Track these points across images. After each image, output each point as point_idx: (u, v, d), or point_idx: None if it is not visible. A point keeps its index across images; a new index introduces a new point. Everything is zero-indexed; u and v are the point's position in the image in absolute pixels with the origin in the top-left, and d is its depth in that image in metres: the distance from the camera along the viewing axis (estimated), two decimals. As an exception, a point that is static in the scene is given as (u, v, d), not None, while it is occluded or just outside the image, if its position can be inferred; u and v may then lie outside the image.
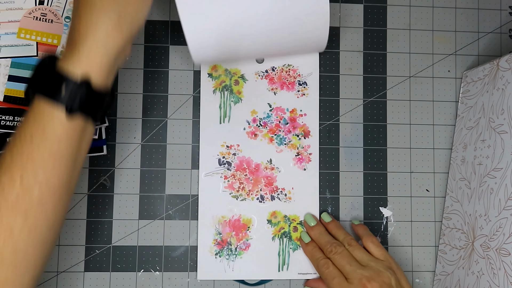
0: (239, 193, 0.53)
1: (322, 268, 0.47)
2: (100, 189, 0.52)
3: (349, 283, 0.45)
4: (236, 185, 0.53)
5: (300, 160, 0.53)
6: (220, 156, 0.53)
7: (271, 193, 0.53)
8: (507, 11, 0.57)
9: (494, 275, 0.44)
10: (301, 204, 0.53)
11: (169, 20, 0.54)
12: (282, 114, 0.54)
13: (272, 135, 0.53)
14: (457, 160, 0.53)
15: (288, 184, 0.53)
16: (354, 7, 0.56)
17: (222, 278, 0.51)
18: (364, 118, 0.55)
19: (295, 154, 0.53)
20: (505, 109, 0.46)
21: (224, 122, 0.53)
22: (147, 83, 0.53)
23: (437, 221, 0.54)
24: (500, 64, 0.48)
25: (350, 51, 0.55)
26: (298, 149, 0.53)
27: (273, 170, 0.53)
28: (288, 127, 0.54)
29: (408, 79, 0.56)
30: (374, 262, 0.46)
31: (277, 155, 0.53)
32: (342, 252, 0.47)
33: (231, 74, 0.54)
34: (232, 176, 0.53)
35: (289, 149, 0.53)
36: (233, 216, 0.52)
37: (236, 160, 0.53)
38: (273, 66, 0.54)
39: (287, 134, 0.54)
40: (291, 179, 0.53)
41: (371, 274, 0.44)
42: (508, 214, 0.43)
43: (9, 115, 0.47)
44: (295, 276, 0.52)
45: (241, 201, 0.53)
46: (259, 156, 0.53)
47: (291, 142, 0.54)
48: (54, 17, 0.49)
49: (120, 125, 0.53)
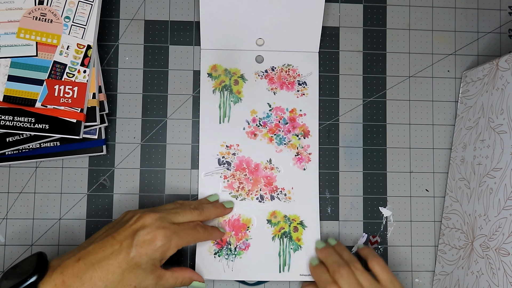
0: (239, 193, 0.53)
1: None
2: (99, 189, 0.52)
3: None
4: (236, 185, 0.53)
5: (299, 160, 0.53)
6: (219, 156, 0.53)
7: (270, 193, 0.53)
8: (507, 11, 0.57)
9: (494, 275, 0.44)
10: (301, 204, 0.53)
11: (169, 20, 0.54)
12: (282, 114, 0.54)
13: (271, 135, 0.54)
14: (457, 160, 0.53)
15: (287, 184, 0.53)
16: (354, 7, 0.56)
17: (221, 278, 0.51)
18: (364, 118, 0.55)
19: (295, 154, 0.53)
20: (505, 109, 0.46)
21: (223, 122, 0.53)
22: (147, 83, 0.53)
23: (437, 221, 0.54)
24: (499, 64, 0.48)
25: (350, 51, 0.55)
26: (298, 149, 0.54)
27: (272, 170, 0.53)
28: (287, 127, 0.54)
29: (408, 79, 0.56)
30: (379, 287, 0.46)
31: (277, 155, 0.53)
32: (348, 275, 0.46)
33: (231, 74, 0.54)
34: (231, 176, 0.53)
35: (289, 149, 0.53)
36: (232, 215, 0.52)
37: (235, 160, 0.53)
38: (272, 66, 0.54)
39: (286, 134, 0.54)
40: (290, 179, 0.53)
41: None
42: (507, 214, 0.43)
43: (9, 115, 0.47)
44: (297, 278, 0.52)
45: (240, 201, 0.53)
46: (258, 156, 0.53)
47: (290, 142, 0.54)
48: (53, 17, 0.49)
49: (120, 125, 0.53)
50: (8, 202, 0.51)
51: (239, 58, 0.54)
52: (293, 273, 0.52)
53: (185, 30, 0.54)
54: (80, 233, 0.52)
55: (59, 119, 0.47)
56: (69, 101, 0.48)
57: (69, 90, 0.48)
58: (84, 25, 0.49)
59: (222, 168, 0.53)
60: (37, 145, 0.50)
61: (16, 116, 0.47)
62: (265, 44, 0.53)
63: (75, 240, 0.51)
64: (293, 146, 0.53)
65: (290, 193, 0.53)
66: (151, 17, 0.54)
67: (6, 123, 0.47)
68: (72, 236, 0.51)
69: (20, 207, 0.51)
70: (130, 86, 0.53)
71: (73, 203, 0.52)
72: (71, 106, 0.48)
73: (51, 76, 0.48)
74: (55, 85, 0.48)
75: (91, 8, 0.49)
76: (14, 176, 0.52)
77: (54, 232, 0.51)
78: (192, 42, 0.54)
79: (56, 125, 0.47)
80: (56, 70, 0.48)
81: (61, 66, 0.48)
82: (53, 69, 0.48)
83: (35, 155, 0.50)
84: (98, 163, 0.52)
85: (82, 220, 0.52)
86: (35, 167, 0.52)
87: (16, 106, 0.47)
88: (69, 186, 0.52)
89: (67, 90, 0.48)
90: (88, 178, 0.52)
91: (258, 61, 0.54)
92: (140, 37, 0.54)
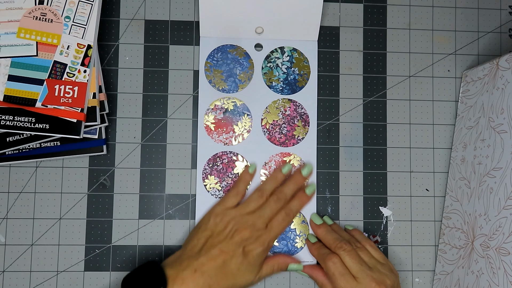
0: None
1: (329, 262, 0.47)
2: (100, 189, 0.52)
3: (358, 282, 0.45)
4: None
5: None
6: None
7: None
8: (507, 11, 0.57)
9: (494, 274, 0.44)
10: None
11: (169, 20, 0.54)
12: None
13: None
14: (457, 159, 0.53)
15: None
16: (354, 7, 0.56)
17: None
18: (364, 117, 0.55)
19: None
20: (505, 109, 0.46)
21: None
22: (147, 83, 0.53)
23: (437, 220, 0.54)
24: (499, 63, 0.48)
25: (350, 51, 0.55)
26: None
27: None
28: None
29: (408, 78, 0.56)
30: (380, 265, 0.47)
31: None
32: (351, 250, 0.47)
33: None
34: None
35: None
36: None
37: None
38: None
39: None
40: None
41: (380, 277, 0.45)
42: (507, 214, 0.43)
43: (9, 115, 0.47)
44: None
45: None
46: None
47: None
48: (54, 17, 0.49)
49: (120, 125, 0.53)
50: (8, 202, 0.51)
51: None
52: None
53: (185, 30, 0.54)
54: (80, 233, 0.52)
55: (59, 119, 0.47)
56: (70, 101, 0.48)
57: (70, 90, 0.48)
58: (85, 25, 0.49)
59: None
60: (37, 145, 0.50)
61: (16, 116, 0.47)
62: (264, 32, 0.53)
63: (75, 240, 0.51)
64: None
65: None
66: (151, 17, 0.54)
67: (6, 123, 0.47)
68: (72, 236, 0.51)
69: (20, 207, 0.51)
70: (130, 86, 0.53)
71: (73, 203, 0.52)
72: (71, 106, 0.48)
73: (52, 76, 0.48)
74: (55, 85, 0.48)
75: (91, 8, 0.49)
76: (14, 176, 0.52)
77: (54, 232, 0.51)
78: (192, 42, 0.54)
79: (56, 125, 0.47)
80: (56, 70, 0.48)
81: (62, 66, 0.48)
82: (54, 69, 0.48)
83: (35, 155, 0.50)
84: (98, 163, 0.52)
85: (82, 220, 0.52)
86: (35, 167, 0.52)
87: (16, 106, 0.47)
88: (69, 186, 0.52)
89: (67, 90, 0.48)
90: (88, 178, 0.52)
91: (257, 50, 0.54)
92: (140, 37, 0.54)
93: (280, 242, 0.52)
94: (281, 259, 0.50)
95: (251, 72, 0.53)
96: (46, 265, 0.51)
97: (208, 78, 0.53)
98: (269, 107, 0.53)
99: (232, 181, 0.52)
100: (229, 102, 0.53)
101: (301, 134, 0.53)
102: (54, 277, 0.51)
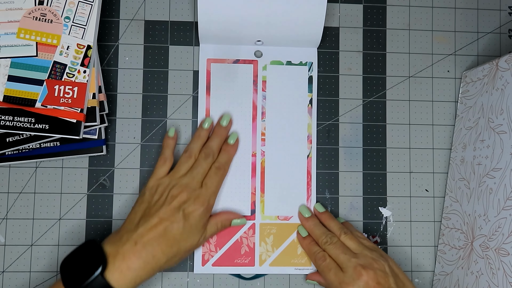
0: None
1: (319, 261, 0.47)
2: (99, 189, 0.52)
3: (344, 272, 0.45)
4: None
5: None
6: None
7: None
8: (507, 11, 0.57)
9: (493, 275, 0.44)
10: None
11: (169, 20, 0.54)
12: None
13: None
14: (457, 160, 0.53)
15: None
16: (353, 7, 0.56)
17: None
18: (364, 118, 0.55)
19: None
20: (504, 109, 0.46)
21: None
22: (147, 83, 0.53)
23: (437, 221, 0.54)
24: (499, 64, 0.48)
25: (350, 51, 0.55)
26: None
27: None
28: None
29: (408, 79, 0.56)
30: (367, 250, 0.47)
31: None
32: (336, 242, 0.47)
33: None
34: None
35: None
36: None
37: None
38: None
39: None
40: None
41: (366, 262, 0.45)
42: (507, 214, 0.43)
43: (9, 115, 0.47)
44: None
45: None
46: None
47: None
48: (53, 17, 0.49)
49: (120, 125, 0.53)
50: (8, 202, 0.51)
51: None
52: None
53: (185, 30, 0.54)
54: (80, 233, 0.52)
55: (59, 119, 0.47)
56: (69, 101, 0.48)
57: (69, 90, 0.48)
58: (84, 25, 0.49)
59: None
60: (37, 145, 0.50)
61: (16, 116, 0.47)
62: (264, 39, 0.53)
63: (75, 240, 0.51)
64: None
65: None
66: (151, 17, 0.54)
67: (6, 123, 0.47)
68: (72, 236, 0.51)
69: (20, 207, 0.51)
70: (130, 86, 0.53)
71: (73, 203, 0.52)
72: (71, 106, 0.48)
73: (51, 76, 0.48)
74: (55, 85, 0.48)
75: (91, 8, 0.49)
76: (14, 176, 0.52)
77: (54, 232, 0.51)
78: (192, 42, 0.54)
79: (56, 125, 0.47)
80: (56, 70, 0.48)
81: (61, 66, 0.48)
82: (53, 69, 0.48)
83: (35, 155, 0.50)
84: (98, 163, 0.52)
85: (82, 220, 0.52)
86: (35, 167, 0.52)
87: (16, 106, 0.47)
88: (69, 186, 0.52)
89: (67, 90, 0.48)
90: (88, 178, 0.52)
91: (257, 56, 0.54)
92: (140, 37, 0.54)
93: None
94: (223, 215, 0.50)
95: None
96: (45, 266, 0.51)
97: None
98: None
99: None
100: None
101: None
102: (54, 277, 0.51)
